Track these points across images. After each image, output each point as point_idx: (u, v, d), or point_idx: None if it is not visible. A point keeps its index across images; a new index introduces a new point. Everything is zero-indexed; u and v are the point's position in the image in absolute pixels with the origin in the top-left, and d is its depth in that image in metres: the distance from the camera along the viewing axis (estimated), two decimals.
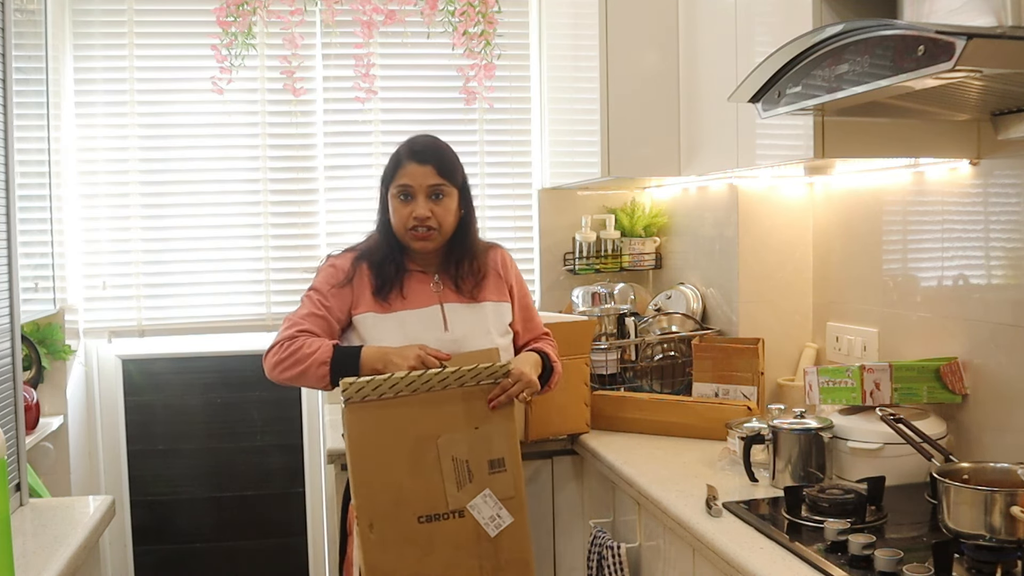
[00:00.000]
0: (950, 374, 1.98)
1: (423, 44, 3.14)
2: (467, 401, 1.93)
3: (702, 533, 1.74)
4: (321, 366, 1.97)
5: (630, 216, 3.21)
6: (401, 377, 1.87)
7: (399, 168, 2.09)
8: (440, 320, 2.10)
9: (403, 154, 2.11)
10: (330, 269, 2.13)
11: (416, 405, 1.89)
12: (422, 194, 2.07)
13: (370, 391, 1.86)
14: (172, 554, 3.22)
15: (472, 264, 2.15)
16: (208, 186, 3.12)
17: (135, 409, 3.18)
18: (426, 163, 2.07)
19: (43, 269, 2.68)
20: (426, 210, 2.06)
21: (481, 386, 1.94)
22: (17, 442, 1.95)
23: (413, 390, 1.89)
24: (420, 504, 1.89)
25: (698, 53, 2.60)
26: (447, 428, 1.91)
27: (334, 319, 2.08)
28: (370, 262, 2.12)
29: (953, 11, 1.54)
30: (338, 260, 2.15)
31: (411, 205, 2.07)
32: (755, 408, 2.39)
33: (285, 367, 2.01)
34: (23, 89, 2.47)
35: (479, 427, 1.92)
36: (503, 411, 1.96)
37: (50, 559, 1.66)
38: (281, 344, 2.03)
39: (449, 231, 2.12)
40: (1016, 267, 1.86)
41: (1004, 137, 1.85)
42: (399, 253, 2.12)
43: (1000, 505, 1.46)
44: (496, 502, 1.92)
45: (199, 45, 3.03)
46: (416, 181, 2.07)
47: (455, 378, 1.91)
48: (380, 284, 2.09)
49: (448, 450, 1.90)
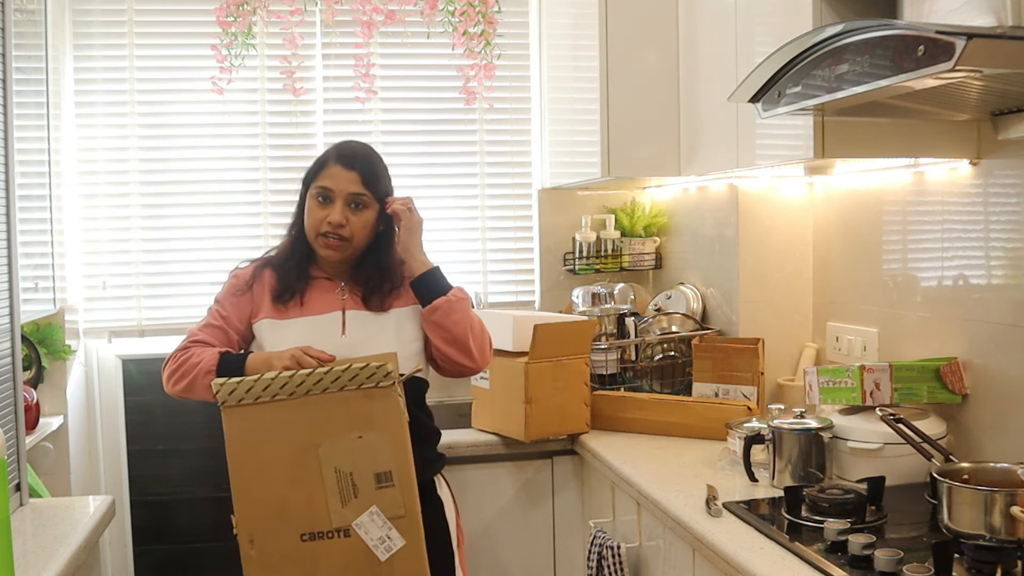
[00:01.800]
0: (950, 374, 1.98)
1: (423, 44, 3.14)
2: (347, 406, 1.75)
3: (702, 533, 1.74)
4: (207, 375, 1.88)
5: (630, 216, 3.21)
6: (272, 378, 1.74)
7: (323, 169, 2.01)
8: (339, 325, 2.00)
9: (330, 155, 2.03)
10: (232, 280, 2.08)
11: (294, 410, 1.75)
12: (341, 200, 1.97)
13: (243, 393, 1.74)
14: (172, 554, 3.22)
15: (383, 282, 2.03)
16: (208, 186, 3.11)
17: (135, 409, 3.17)
18: (351, 168, 1.98)
19: (43, 269, 2.67)
20: (342, 217, 1.96)
21: (363, 390, 1.75)
22: (17, 442, 1.95)
23: (289, 393, 1.74)
24: (302, 520, 1.74)
25: (698, 53, 2.60)
26: (328, 436, 1.75)
27: (232, 329, 2.01)
28: (273, 267, 2.05)
29: (953, 11, 1.54)
30: (240, 271, 2.09)
31: (327, 209, 1.97)
32: (755, 408, 2.39)
33: (176, 379, 1.94)
34: (23, 89, 2.47)
35: (363, 435, 1.75)
36: (390, 417, 1.76)
37: (50, 559, 1.65)
38: (175, 355, 1.97)
39: (360, 245, 2.01)
40: (1016, 267, 1.86)
41: (1004, 137, 1.85)
42: (305, 259, 2.04)
43: (1000, 505, 1.46)
44: (385, 521, 1.74)
45: (199, 45, 3.03)
46: (337, 185, 1.97)
47: (331, 380, 1.74)
48: (280, 289, 2.01)
49: (330, 460, 1.75)
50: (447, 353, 2.00)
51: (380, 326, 2.01)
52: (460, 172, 3.27)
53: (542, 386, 2.45)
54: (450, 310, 1.99)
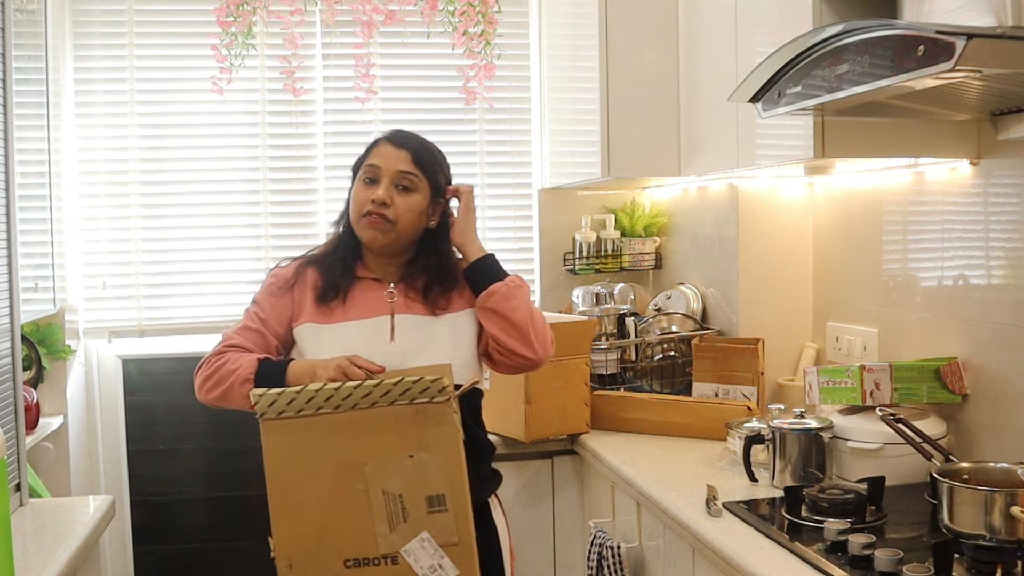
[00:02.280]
0: (950, 374, 1.98)
1: (423, 44, 3.14)
2: (399, 423, 1.61)
3: (702, 533, 1.74)
4: (244, 384, 1.72)
5: (630, 216, 3.21)
6: (316, 389, 1.60)
7: (373, 148, 1.87)
8: (387, 331, 1.82)
9: (381, 137, 1.89)
10: (271, 279, 1.91)
11: (341, 426, 1.61)
12: (388, 178, 1.81)
13: (284, 405, 1.60)
14: (172, 554, 3.22)
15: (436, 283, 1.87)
16: (208, 186, 3.11)
17: (135, 409, 3.17)
18: (402, 147, 1.84)
19: (43, 269, 2.67)
20: (387, 194, 1.80)
21: (415, 405, 1.61)
22: (17, 442, 1.95)
23: (335, 407, 1.61)
24: (346, 545, 1.62)
25: (698, 53, 2.60)
26: (377, 455, 1.61)
27: (270, 333, 1.85)
28: (316, 264, 1.89)
29: (953, 11, 1.54)
30: (281, 269, 1.93)
31: (373, 189, 1.82)
32: (755, 408, 2.39)
33: (210, 386, 1.78)
34: (23, 89, 2.47)
35: (414, 455, 1.61)
36: (445, 436, 1.62)
37: (50, 559, 1.66)
38: (208, 360, 1.81)
39: (405, 233, 1.83)
40: (1016, 267, 1.86)
41: (1004, 137, 1.85)
42: (351, 255, 1.88)
43: (1000, 505, 1.47)
44: (436, 549, 1.61)
45: (199, 45, 3.03)
46: (385, 163, 1.82)
47: (380, 393, 1.61)
48: (324, 287, 1.85)
49: (378, 481, 1.61)
50: (506, 343, 1.82)
51: (432, 332, 1.83)
52: (460, 172, 3.24)
53: (542, 386, 2.45)
54: (508, 295, 1.83)
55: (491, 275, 1.85)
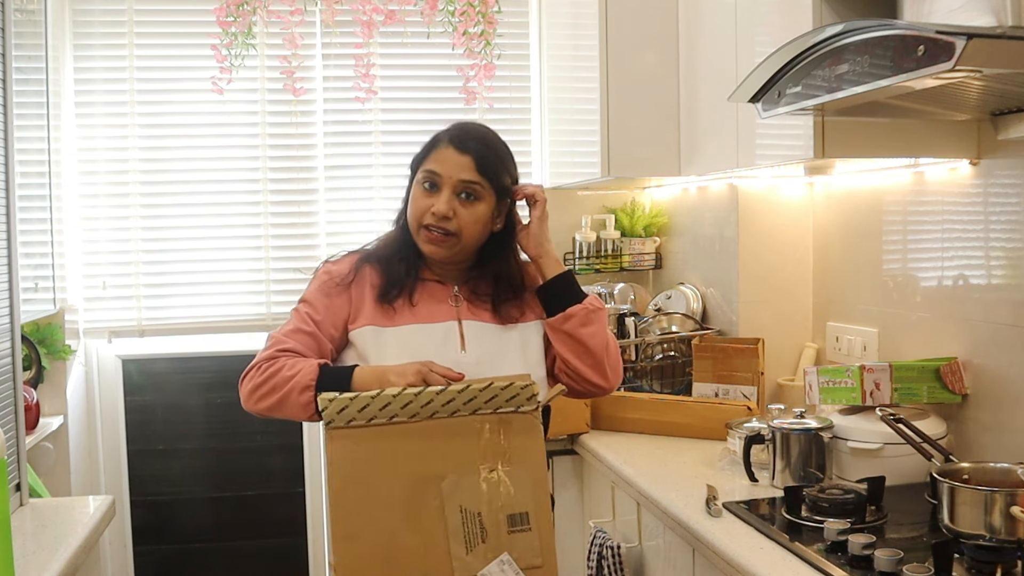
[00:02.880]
0: (950, 374, 1.98)
1: (423, 44, 3.14)
2: (481, 434, 1.49)
3: (702, 533, 1.74)
4: (304, 391, 1.58)
5: (630, 216, 3.21)
6: (394, 395, 1.48)
7: (433, 150, 1.71)
8: (456, 338, 1.69)
9: (442, 136, 1.72)
10: (323, 276, 1.75)
11: (416, 436, 1.49)
12: (449, 188, 1.67)
13: (356, 412, 1.48)
14: (172, 554, 3.22)
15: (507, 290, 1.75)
16: (208, 186, 3.12)
17: (135, 409, 3.18)
18: (465, 152, 1.68)
19: (43, 269, 2.68)
20: (448, 207, 1.66)
21: (500, 414, 1.50)
22: (17, 442, 1.95)
23: (411, 415, 1.49)
24: (417, 567, 1.48)
25: (698, 53, 2.60)
26: (455, 468, 1.49)
27: (325, 336, 1.69)
28: (378, 260, 1.74)
29: (953, 11, 1.54)
30: (335, 264, 1.77)
31: (433, 198, 1.67)
32: (755, 408, 2.39)
33: (262, 394, 1.63)
34: (23, 89, 2.47)
35: (496, 470, 1.50)
36: (531, 448, 1.52)
37: (50, 559, 1.65)
38: (258, 366, 1.65)
39: (470, 244, 1.71)
40: (1016, 267, 1.86)
41: (1004, 137, 1.85)
42: (414, 254, 1.73)
43: (1000, 505, 1.46)
44: (517, 572, 1.49)
45: (199, 45, 3.03)
46: (446, 170, 1.67)
47: (464, 400, 1.49)
48: (386, 287, 1.70)
49: (455, 498, 1.48)
50: (579, 370, 1.72)
51: (503, 343, 1.71)
52: None
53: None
54: (587, 320, 1.71)
55: (570, 296, 1.72)
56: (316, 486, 3.23)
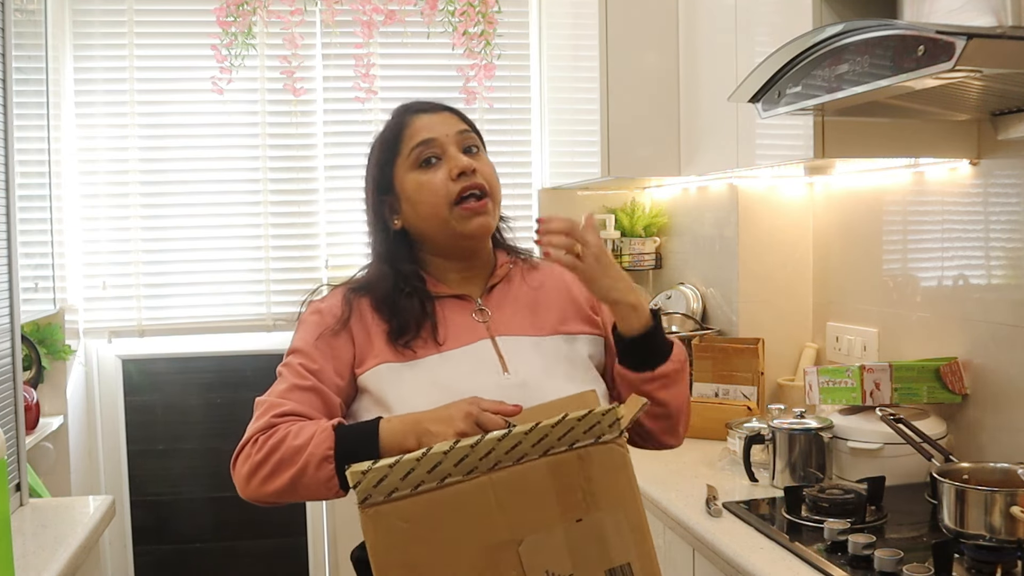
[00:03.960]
0: (950, 374, 1.98)
1: (423, 44, 3.14)
2: (556, 478, 1.19)
3: (702, 533, 1.74)
4: (322, 465, 1.24)
5: (630, 216, 3.21)
6: (446, 451, 1.16)
7: (404, 129, 1.44)
8: (494, 359, 1.39)
9: (400, 115, 1.47)
10: (313, 316, 1.42)
11: (479, 496, 1.17)
12: (453, 145, 1.41)
13: (398, 481, 1.15)
14: (172, 554, 3.22)
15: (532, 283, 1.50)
16: (208, 186, 3.12)
17: (135, 409, 3.18)
18: (438, 110, 1.46)
19: (43, 269, 2.68)
20: (468, 161, 1.40)
21: (577, 450, 1.19)
22: (17, 442, 1.95)
23: (468, 471, 1.17)
24: None
25: (698, 53, 2.60)
26: (532, 526, 1.18)
27: (329, 387, 1.36)
28: (376, 298, 1.42)
29: (953, 11, 1.54)
30: (323, 302, 1.44)
31: (442, 166, 1.40)
32: (755, 408, 2.39)
33: (266, 475, 1.28)
34: (23, 89, 2.47)
35: (583, 518, 1.20)
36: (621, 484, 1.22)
37: (50, 559, 1.66)
38: (253, 441, 1.30)
39: (500, 202, 1.46)
40: (1016, 267, 1.86)
41: (1004, 137, 1.85)
42: (416, 277, 1.44)
43: (1000, 505, 1.47)
44: None
45: (199, 45, 3.03)
46: (438, 131, 1.42)
47: (533, 441, 1.18)
48: (400, 328, 1.38)
49: (538, 561, 1.18)
50: (651, 428, 1.45)
51: (547, 356, 1.40)
52: None
53: None
54: (675, 379, 1.42)
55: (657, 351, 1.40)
56: None
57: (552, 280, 1.51)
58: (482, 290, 1.47)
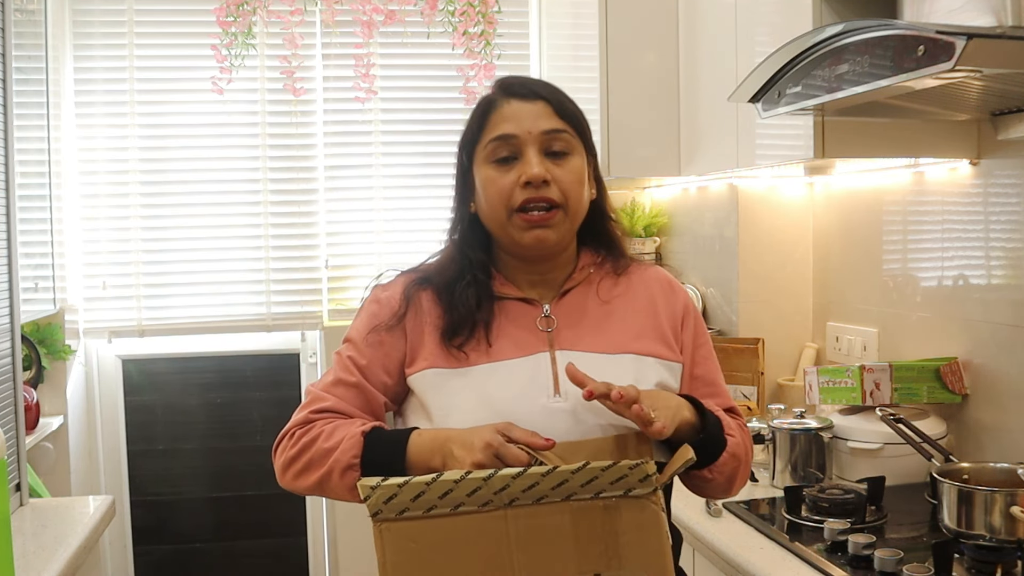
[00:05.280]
0: (950, 374, 1.98)
1: (423, 44, 3.14)
2: (580, 526, 1.10)
3: (702, 533, 1.74)
4: (346, 473, 1.22)
5: (630, 216, 3.21)
6: (456, 480, 1.10)
7: (492, 112, 1.33)
8: (548, 377, 1.28)
9: (496, 95, 1.35)
10: (372, 306, 1.36)
11: (492, 531, 1.11)
12: (533, 146, 1.28)
13: (408, 501, 1.11)
14: (172, 554, 3.22)
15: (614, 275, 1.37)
16: (208, 186, 3.11)
17: (135, 409, 3.18)
18: (536, 98, 1.31)
19: (43, 269, 2.68)
20: (543, 169, 1.27)
21: (603, 500, 1.11)
22: (17, 442, 1.95)
23: (483, 503, 1.10)
24: None
25: (698, 53, 2.60)
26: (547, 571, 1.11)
27: (375, 385, 1.32)
28: (437, 288, 1.34)
29: (953, 11, 1.54)
30: (385, 291, 1.37)
31: (516, 168, 1.29)
32: (755, 408, 2.39)
33: (298, 471, 1.28)
34: (23, 89, 2.47)
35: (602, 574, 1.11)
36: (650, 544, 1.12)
37: (50, 559, 1.66)
38: (291, 433, 1.31)
39: (579, 215, 1.32)
40: (1016, 267, 1.86)
41: (1004, 137, 1.85)
42: (483, 271, 1.34)
43: (1000, 505, 1.47)
44: None
45: (199, 45, 3.03)
46: (522, 126, 1.29)
47: (552, 484, 1.10)
48: (453, 326, 1.30)
49: None
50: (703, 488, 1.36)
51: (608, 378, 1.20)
52: None
53: None
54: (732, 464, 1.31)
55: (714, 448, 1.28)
56: None
57: (640, 289, 1.38)
58: (555, 294, 1.35)
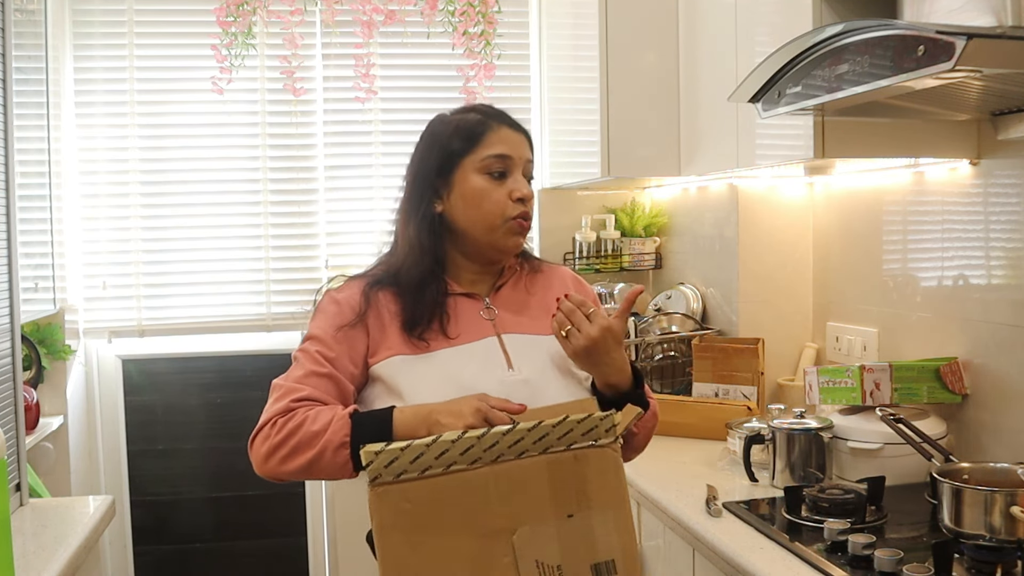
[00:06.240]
0: (950, 374, 1.98)
1: (423, 44, 3.14)
2: (553, 474, 1.29)
3: (702, 533, 1.74)
4: (339, 450, 1.34)
5: (630, 216, 3.21)
6: (453, 440, 1.26)
7: (487, 132, 1.52)
8: (499, 356, 1.48)
9: (490, 117, 1.56)
10: (330, 307, 1.50)
11: (481, 485, 1.27)
12: (519, 170, 1.52)
13: (407, 464, 1.25)
14: (172, 554, 3.22)
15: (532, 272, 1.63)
16: (208, 186, 3.12)
17: (135, 409, 3.18)
18: (521, 131, 1.57)
19: (43, 269, 2.68)
20: (529, 189, 1.52)
21: (574, 451, 1.30)
22: (17, 442, 1.95)
23: (472, 461, 1.27)
24: None
25: (698, 53, 2.60)
26: (527, 518, 1.28)
27: (344, 375, 1.45)
28: (398, 288, 1.50)
29: (953, 11, 1.54)
30: (341, 292, 1.52)
31: (507, 184, 1.50)
32: (755, 408, 2.39)
33: (284, 456, 1.38)
34: (23, 89, 2.47)
35: (574, 514, 1.30)
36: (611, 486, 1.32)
37: (50, 559, 1.66)
38: (272, 423, 1.40)
39: None
40: (1016, 267, 1.86)
41: (1004, 137, 1.85)
42: (440, 268, 1.53)
43: (1000, 505, 1.47)
44: None
45: (199, 45, 3.03)
46: (516, 151, 1.52)
47: (534, 439, 1.28)
48: (415, 318, 1.47)
49: (529, 551, 1.28)
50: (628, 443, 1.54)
51: (546, 355, 1.50)
52: None
53: None
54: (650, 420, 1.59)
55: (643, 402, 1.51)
56: (316, 486, 3.23)
57: (556, 282, 1.64)
58: (490, 289, 1.57)
